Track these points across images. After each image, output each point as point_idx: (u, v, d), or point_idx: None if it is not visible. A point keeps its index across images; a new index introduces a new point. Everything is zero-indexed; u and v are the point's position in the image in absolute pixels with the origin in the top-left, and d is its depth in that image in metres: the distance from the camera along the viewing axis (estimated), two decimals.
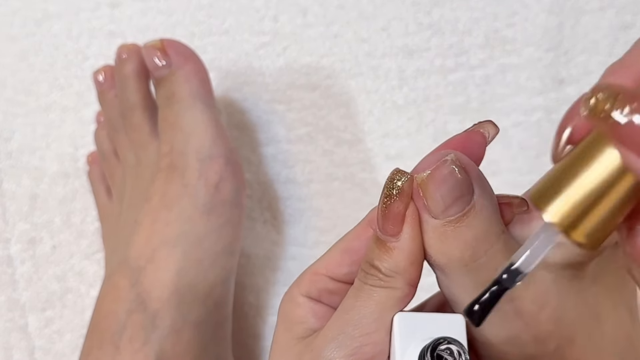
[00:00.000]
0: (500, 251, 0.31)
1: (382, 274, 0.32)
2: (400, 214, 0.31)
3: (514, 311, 0.32)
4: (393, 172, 0.32)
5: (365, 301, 0.32)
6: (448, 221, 0.31)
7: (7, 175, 0.60)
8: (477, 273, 0.31)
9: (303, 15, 0.61)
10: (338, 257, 0.36)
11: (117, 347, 0.48)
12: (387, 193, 0.32)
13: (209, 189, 0.50)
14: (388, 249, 0.32)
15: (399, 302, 0.32)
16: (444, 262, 0.32)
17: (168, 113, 0.52)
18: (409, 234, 0.32)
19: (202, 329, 0.49)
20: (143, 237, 0.50)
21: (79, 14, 0.62)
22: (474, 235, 0.31)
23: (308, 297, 0.36)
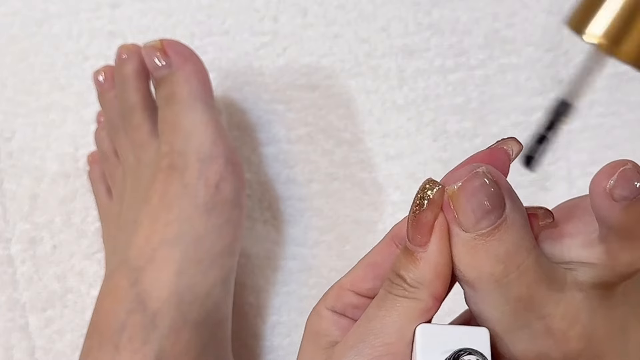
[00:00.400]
0: (531, 267, 0.31)
1: (407, 284, 0.32)
2: (429, 224, 0.31)
3: (545, 328, 0.32)
4: (425, 182, 0.32)
5: (388, 310, 0.32)
6: (479, 235, 0.31)
7: (7, 175, 0.60)
8: (508, 288, 0.31)
9: (303, 15, 0.61)
10: (362, 271, 0.36)
11: (117, 347, 0.48)
12: (418, 202, 0.32)
13: (209, 189, 0.50)
14: (414, 259, 0.32)
15: (422, 314, 0.32)
16: (473, 277, 0.31)
17: (168, 113, 0.52)
18: (436, 245, 0.31)
19: (202, 328, 0.49)
20: (143, 237, 0.50)
21: (80, 14, 0.62)
22: (506, 250, 0.31)
23: (333, 310, 0.36)
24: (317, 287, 0.58)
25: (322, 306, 0.36)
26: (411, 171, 0.59)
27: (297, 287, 0.58)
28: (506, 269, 0.31)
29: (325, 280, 0.58)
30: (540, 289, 0.31)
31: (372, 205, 0.59)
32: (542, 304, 0.31)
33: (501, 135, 0.59)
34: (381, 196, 0.59)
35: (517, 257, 0.31)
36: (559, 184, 0.58)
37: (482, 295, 0.31)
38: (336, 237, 0.58)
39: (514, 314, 0.31)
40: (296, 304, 0.57)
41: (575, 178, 0.58)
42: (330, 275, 0.58)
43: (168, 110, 0.52)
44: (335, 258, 0.58)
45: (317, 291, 0.57)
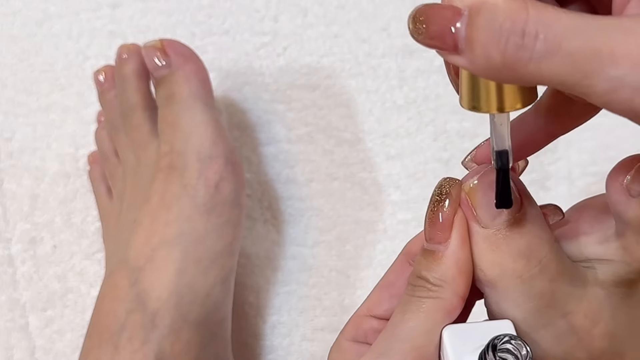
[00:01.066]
0: (553, 260, 0.31)
1: (430, 284, 0.31)
2: (449, 220, 0.31)
3: (568, 327, 0.31)
4: (441, 180, 0.32)
5: (413, 314, 0.32)
6: (499, 229, 0.30)
7: (7, 175, 0.60)
8: (531, 284, 0.31)
9: (303, 15, 0.61)
10: (377, 294, 0.36)
11: (117, 347, 0.48)
12: (435, 199, 0.32)
13: (209, 188, 0.50)
14: (436, 257, 0.31)
15: (448, 314, 0.31)
16: (495, 275, 0.31)
17: (168, 113, 0.52)
18: (457, 240, 0.31)
19: (202, 328, 0.49)
20: (142, 237, 0.50)
21: (80, 14, 0.62)
22: (527, 243, 0.30)
23: (354, 341, 0.35)
24: (317, 287, 0.58)
25: (342, 339, 0.36)
26: (411, 171, 0.59)
27: (297, 287, 0.58)
28: (529, 264, 0.30)
29: (325, 280, 0.58)
30: (563, 284, 0.31)
31: (372, 205, 0.59)
32: (564, 300, 0.31)
33: None
34: (381, 196, 0.59)
35: (539, 250, 0.31)
36: (559, 184, 0.58)
37: (504, 293, 0.31)
38: (336, 237, 0.58)
39: (537, 312, 0.31)
40: (296, 304, 0.57)
41: (575, 178, 0.58)
42: (330, 275, 0.58)
43: (168, 110, 0.52)
44: (335, 258, 0.58)
45: (317, 291, 0.57)
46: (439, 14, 0.26)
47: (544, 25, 0.25)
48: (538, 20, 0.25)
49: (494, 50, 0.25)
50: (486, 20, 0.25)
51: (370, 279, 0.58)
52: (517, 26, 0.25)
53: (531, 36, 0.25)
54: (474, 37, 0.26)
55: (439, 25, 0.26)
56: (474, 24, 0.26)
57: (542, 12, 0.25)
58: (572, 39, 0.25)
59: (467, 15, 0.26)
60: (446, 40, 0.26)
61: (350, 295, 0.57)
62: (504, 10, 0.25)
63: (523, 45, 0.25)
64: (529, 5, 0.25)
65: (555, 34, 0.25)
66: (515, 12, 0.25)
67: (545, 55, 0.25)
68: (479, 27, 0.26)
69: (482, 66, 0.26)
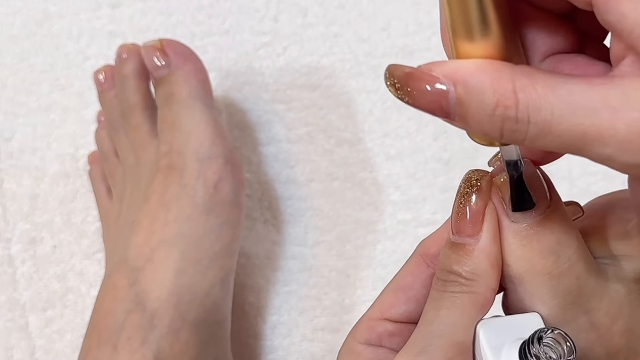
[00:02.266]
0: (582, 257, 0.31)
1: (463, 278, 0.31)
2: (480, 211, 0.31)
3: (589, 323, 0.31)
4: (469, 172, 0.31)
5: (449, 309, 0.31)
6: (530, 224, 0.30)
7: (7, 175, 0.60)
8: (559, 281, 0.30)
9: (303, 15, 0.61)
10: (391, 297, 0.35)
11: (115, 347, 0.48)
12: (464, 192, 0.31)
13: (208, 189, 0.50)
14: (467, 250, 0.31)
15: (482, 308, 0.31)
16: (524, 270, 0.31)
17: (167, 113, 0.52)
18: (489, 233, 0.31)
19: (201, 328, 0.49)
20: (142, 237, 0.50)
21: (80, 14, 0.62)
22: (557, 239, 0.30)
23: (367, 344, 0.35)
24: (317, 287, 0.58)
25: (353, 342, 0.35)
26: (411, 171, 0.59)
27: (297, 287, 0.58)
28: (558, 260, 0.30)
29: (325, 280, 0.58)
30: (589, 281, 0.31)
31: (372, 205, 0.58)
32: (588, 297, 0.31)
33: None
34: (381, 196, 0.59)
35: (569, 247, 0.30)
36: (560, 184, 0.57)
37: (531, 289, 0.31)
38: (336, 237, 0.58)
39: (562, 308, 0.31)
40: (296, 304, 0.57)
41: (575, 178, 0.58)
42: (330, 275, 0.58)
43: (167, 110, 0.52)
44: (335, 258, 0.58)
45: (317, 291, 0.57)
46: (422, 87, 0.26)
47: (534, 110, 0.25)
48: (528, 104, 0.25)
49: (490, 131, 0.26)
50: (477, 102, 0.26)
51: (370, 279, 0.58)
52: (509, 112, 0.25)
53: (524, 122, 0.25)
54: (467, 116, 0.26)
55: (425, 99, 0.26)
56: (464, 104, 0.26)
57: (531, 93, 0.25)
58: (560, 123, 0.25)
59: (455, 94, 0.26)
60: (437, 112, 0.26)
61: (350, 295, 0.57)
62: (493, 93, 0.25)
63: (517, 129, 0.26)
64: (518, 86, 0.25)
65: (544, 119, 0.25)
66: (504, 95, 0.25)
67: (538, 137, 0.26)
68: (471, 109, 0.26)
69: (478, 134, 0.27)
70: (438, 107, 0.26)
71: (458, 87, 0.26)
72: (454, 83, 0.26)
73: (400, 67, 0.27)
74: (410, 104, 0.27)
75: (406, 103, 0.27)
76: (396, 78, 0.27)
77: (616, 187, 0.34)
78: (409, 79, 0.26)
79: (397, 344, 0.34)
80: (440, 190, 0.58)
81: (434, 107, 0.26)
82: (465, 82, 0.26)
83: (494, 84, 0.26)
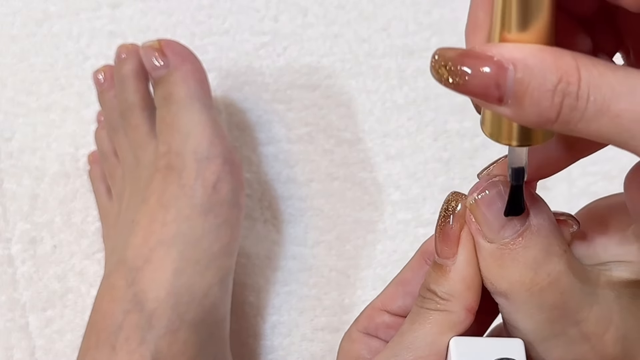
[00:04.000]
0: (563, 272, 0.31)
1: (438, 297, 0.32)
2: (455, 235, 0.31)
3: (580, 335, 0.31)
4: (449, 195, 0.32)
5: (420, 324, 0.32)
6: (503, 244, 0.30)
7: (7, 175, 0.60)
8: (541, 296, 0.30)
9: (303, 15, 0.61)
10: (392, 290, 0.36)
11: (114, 347, 0.48)
12: (443, 214, 0.32)
13: (207, 189, 0.50)
14: (444, 272, 0.32)
15: (454, 327, 0.32)
16: (505, 288, 0.31)
17: (165, 113, 0.52)
18: (464, 256, 0.31)
19: (199, 329, 0.49)
20: (140, 237, 0.50)
21: (80, 14, 0.62)
22: (533, 257, 0.30)
23: (365, 333, 0.36)
24: (317, 287, 0.58)
25: (353, 329, 0.36)
26: (411, 171, 0.59)
27: (297, 287, 0.58)
28: (536, 277, 0.30)
29: (325, 280, 0.58)
30: (574, 295, 0.31)
31: (372, 205, 0.58)
32: (576, 309, 0.31)
33: None
34: (381, 196, 0.59)
35: (547, 264, 0.30)
36: (559, 184, 0.58)
37: (516, 305, 0.31)
38: (336, 237, 0.58)
39: (549, 322, 0.31)
40: (296, 304, 0.57)
41: (575, 178, 0.58)
42: (330, 275, 0.58)
43: (166, 110, 0.52)
44: (335, 258, 0.58)
45: (317, 291, 0.57)
46: (478, 67, 0.25)
47: (595, 87, 0.25)
48: (589, 81, 0.25)
49: (547, 110, 0.25)
50: (538, 79, 0.25)
51: (370, 279, 0.58)
52: (572, 88, 0.25)
53: (583, 99, 0.25)
54: (525, 96, 0.25)
55: (480, 80, 0.25)
56: (523, 83, 0.25)
57: (592, 71, 0.25)
58: (619, 101, 0.25)
59: (514, 72, 0.25)
60: (490, 94, 0.26)
61: (350, 295, 0.57)
62: (556, 70, 0.25)
63: (576, 107, 0.25)
64: (580, 64, 0.25)
65: (604, 96, 0.25)
66: (568, 72, 0.25)
67: (595, 116, 0.25)
68: (531, 87, 0.25)
69: (530, 120, 0.26)
70: (494, 87, 0.25)
71: (518, 66, 0.25)
72: (514, 62, 0.25)
73: (453, 49, 0.26)
74: (460, 88, 0.26)
75: (455, 88, 0.26)
76: (449, 59, 0.26)
77: (616, 187, 0.34)
78: (464, 58, 0.26)
79: (391, 336, 0.34)
80: (440, 190, 0.58)
81: (489, 88, 0.25)
82: (525, 61, 0.25)
83: (557, 61, 0.25)
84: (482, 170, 0.33)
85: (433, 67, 0.26)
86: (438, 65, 0.26)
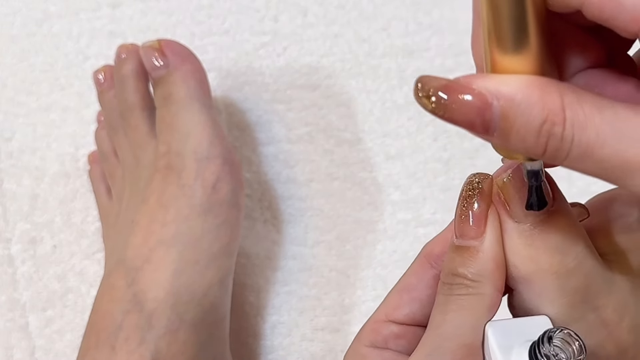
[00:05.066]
0: (588, 255, 0.31)
1: (469, 280, 0.31)
2: (483, 214, 0.31)
3: (599, 320, 0.31)
4: (470, 175, 0.32)
5: (456, 312, 0.31)
6: (533, 223, 0.30)
7: (7, 175, 0.60)
8: (567, 279, 0.30)
9: (303, 15, 0.61)
10: (396, 299, 0.35)
11: (113, 348, 0.48)
12: (467, 194, 0.31)
13: (206, 189, 0.50)
14: (472, 253, 0.31)
15: (489, 310, 0.31)
16: (531, 270, 0.31)
17: (165, 113, 0.52)
18: (493, 234, 0.31)
19: (199, 329, 0.49)
20: (140, 237, 0.50)
21: (80, 14, 0.62)
22: (562, 238, 0.30)
23: (373, 347, 0.35)
24: (317, 287, 0.58)
25: (359, 345, 0.35)
26: (411, 171, 0.59)
27: (297, 287, 0.58)
28: (565, 259, 0.30)
29: (325, 280, 0.58)
30: (596, 279, 0.31)
31: (372, 205, 0.58)
32: (596, 294, 0.31)
33: None
34: (381, 196, 0.59)
35: (575, 244, 0.30)
36: (559, 184, 0.58)
37: (539, 289, 0.31)
38: (336, 237, 0.58)
39: (570, 307, 0.31)
40: (296, 304, 0.57)
41: (575, 178, 0.58)
42: (330, 275, 0.58)
43: (165, 110, 0.52)
44: (335, 258, 0.58)
45: (317, 291, 0.57)
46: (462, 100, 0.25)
47: (579, 129, 0.25)
48: (574, 123, 0.25)
49: (533, 147, 0.25)
50: (524, 117, 0.25)
51: (370, 279, 0.58)
52: (556, 129, 0.25)
53: (568, 141, 0.25)
54: (511, 132, 0.25)
55: (464, 114, 0.25)
56: (509, 119, 0.25)
57: (578, 112, 0.25)
58: (603, 147, 0.25)
59: (499, 109, 0.25)
60: (475, 127, 0.26)
61: (350, 295, 0.57)
62: (542, 108, 0.25)
63: (561, 148, 0.25)
64: (566, 103, 0.25)
65: (589, 140, 0.25)
66: (553, 111, 0.25)
67: (579, 158, 0.25)
68: (517, 124, 0.25)
69: (519, 151, 0.26)
70: (479, 121, 0.25)
71: (503, 101, 0.25)
72: (498, 97, 0.25)
73: (436, 79, 0.26)
74: (445, 117, 0.26)
75: (440, 116, 0.26)
76: (432, 90, 0.26)
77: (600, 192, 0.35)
78: (448, 91, 0.26)
79: (402, 346, 0.34)
80: (440, 190, 0.58)
81: (474, 122, 0.25)
82: (511, 96, 0.25)
83: (543, 99, 0.25)
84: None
85: (416, 95, 0.26)
86: (422, 94, 0.26)
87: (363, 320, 0.56)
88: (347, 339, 0.57)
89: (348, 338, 0.56)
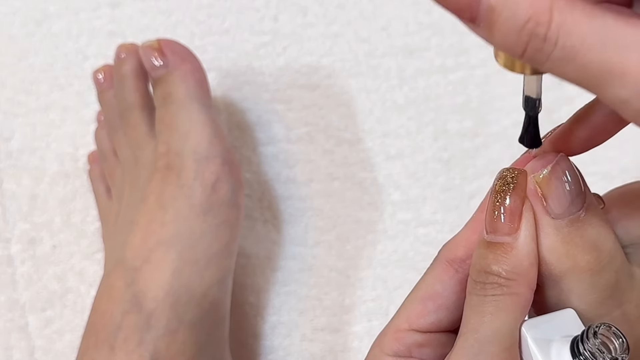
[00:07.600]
0: (618, 251, 0.30)
1: (503, 278, 0.30)
2: (518, 209, 0.30)
3: (622, 316, 0.31)
4: (503, 170, 0.31)
5: (493, 315, 0.30)
6: (571, 220, 0.30)
7: (7, 175, 0.60)
8: (600, 276, 0.30)
9: (303, 15, 0.61)
10: (419, 307, 0.34)
11: (112, 348, 0.48)
12: (500, 189, 0.31)
13: (205, 189, 0.50)
14: (506, 249, 0.30)
15: (524, 310, 0.30)
16: (566, 268, 0.30)
17: (165, 113, 0.52)
18: (528, 230, 0.30)
19: (198, 329, 0.49)
20: (139, 238, 0.50)
21: (79, 13, 0.62)
22: (597, 234, 0.30)
23: (396, 356, 0.34)
24: (317, 287, 0.58)
25: (380, 354, 0.34)
26: (411, 171, 0.59)
27: (297, 287, 0.58)
28: (600, 255, 0.30)
29: (325, 280, 0.58)
30: (624, 274, 0.31)
31: (372, 205, 0.58)
32: (623, 290, 0.31)
33: (502, 135, 0.59)
34: (381, 196, 0.59)
35: (608, 240, 0.30)
36: None
37: (570, 286, 0.30)
38: (336, 237, 0.58)
39: (599, 303, 0.31)
40: (296, 304, 0.57)
41: None
42: (330, 275, 0.58)
43: (165, 110, 0.52)
44: (335, 258, 0.58)
45: (317, 291, 0.57)
46: None
47: (565, 33, 0.25)
48: (560, 26, 0.25)
49: (513, 45, 0.25)
50: (509, 13, 0.25)
51: (370, 279, 0.58)
52: (539, 30, 0.25)
53: (551, 42, 0.25)
54: (495, 25, 0.25)
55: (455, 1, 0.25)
56: (495, 12, 0.25)
57: (566, 16, 0.25)
58: (587, 52, 0.25)
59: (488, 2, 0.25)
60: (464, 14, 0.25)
61: (350, 295, 0.57)
62: (528, 7, 0.25)
63: (542, 49, 0.25)
64: (555, 6, 0.25)
65: (573, 44, 0.25)
66: (539, 12, 0.25)
67: (561, 62, 0.25)
68: (501, 18, 0.25)
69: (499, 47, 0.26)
70: (467, 8, 0.25)
71: None
72: None
73: None
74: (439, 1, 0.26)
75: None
76: None
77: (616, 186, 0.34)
78: None
79: (427, 354, 0.33)
80: (440, 190, 0.58)
81: (463, 8, 0.25)
82: None
83: None
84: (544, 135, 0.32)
85: None
86: None
87: (363, 320, 0.57)
88: (347, 339, 0.57)
89: (348, 338, 0.56)
